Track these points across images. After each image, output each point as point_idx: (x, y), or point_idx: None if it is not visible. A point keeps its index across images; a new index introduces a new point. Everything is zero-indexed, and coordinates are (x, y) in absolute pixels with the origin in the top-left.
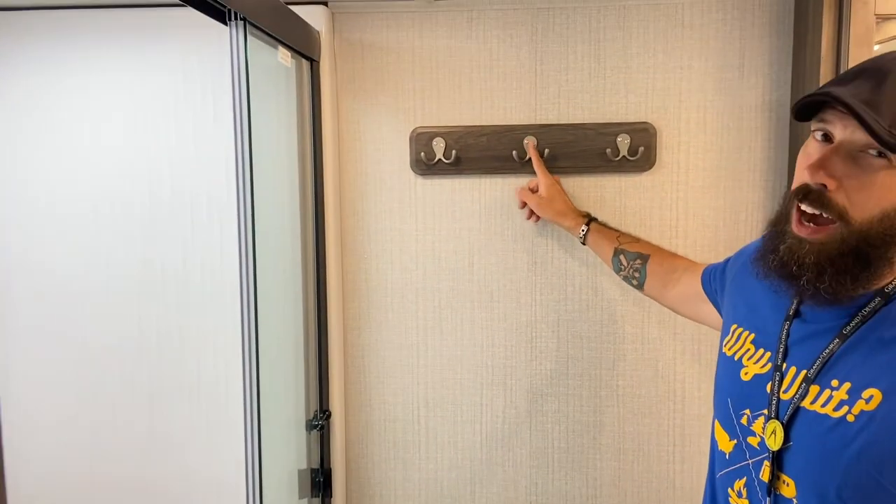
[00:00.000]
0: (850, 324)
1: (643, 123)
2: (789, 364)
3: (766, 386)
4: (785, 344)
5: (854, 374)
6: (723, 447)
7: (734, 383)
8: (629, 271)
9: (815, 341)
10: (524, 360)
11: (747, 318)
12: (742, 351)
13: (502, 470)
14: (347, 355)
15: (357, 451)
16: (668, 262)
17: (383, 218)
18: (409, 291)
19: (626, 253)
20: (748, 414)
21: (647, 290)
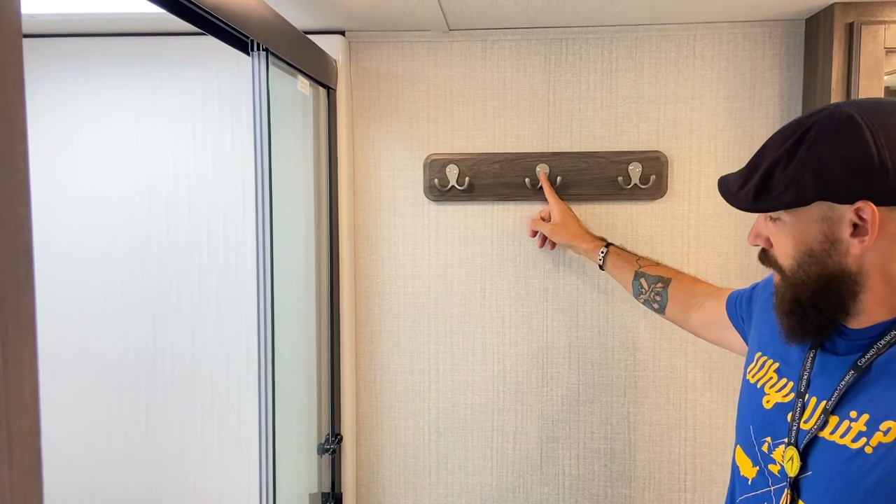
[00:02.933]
0: (866, 356)
1: (655, 152)
2: (811, 394)
3: (787, 415)
4: (808, 376)
5: (872, 407)
6: (745, 473)
7: (756, 411)
8: (650, 294)
9: (834, 373)
10: (535, 385)
11: (771, 347)
12: (765, 379)
13: (513, 496)
14: (359, 379)
15: (368, 475)
16: (690, 287)
17: (397, 243)
18: (422, 316)
19: (646, 276)
20: (769, 441)
21: (669, 314)
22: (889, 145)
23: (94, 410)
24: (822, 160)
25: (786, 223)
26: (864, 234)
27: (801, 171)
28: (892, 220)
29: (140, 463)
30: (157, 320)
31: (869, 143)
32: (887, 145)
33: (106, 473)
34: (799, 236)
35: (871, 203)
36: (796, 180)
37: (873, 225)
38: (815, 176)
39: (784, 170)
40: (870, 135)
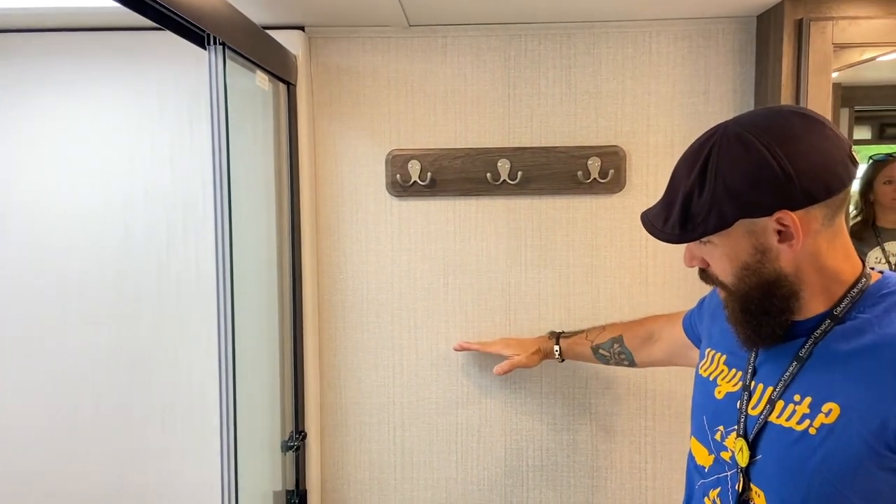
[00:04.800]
0: (805, 346)
1: (613, 147)
2: (757, 382)
3: (736, 403)
4: (753, 364)
5: (814, 390)
6: (702, 462)
7: (709, 402)
8: (615, 358)
9: (778, 362)
10: (499, 379)
11: (720, 342)
12: (716, 372)
13: (477, 489)
14: (323, 376)
15: (333, 472)
16: (643, 330)
17: (359, 239)
18: (385, 312)
19: (602, 346)
20: (722, 430)
21: (641, 363)
22: (785, 154)
23: (53, 409)
24: (730, 182)
25: (716, 245)
26: (792, 239)
27: (716, 196)
28: (812, 219)
29: (100, 461)
30: (116, 318)
31: (766, 157)
32: (784, 155)
33: (66, 473)
34: (731, 254)
35: (788, 210)
36: (714, 205)
37: (797, 230)
38: (730, 198)
39: (699, 198)
40: (765, 149)
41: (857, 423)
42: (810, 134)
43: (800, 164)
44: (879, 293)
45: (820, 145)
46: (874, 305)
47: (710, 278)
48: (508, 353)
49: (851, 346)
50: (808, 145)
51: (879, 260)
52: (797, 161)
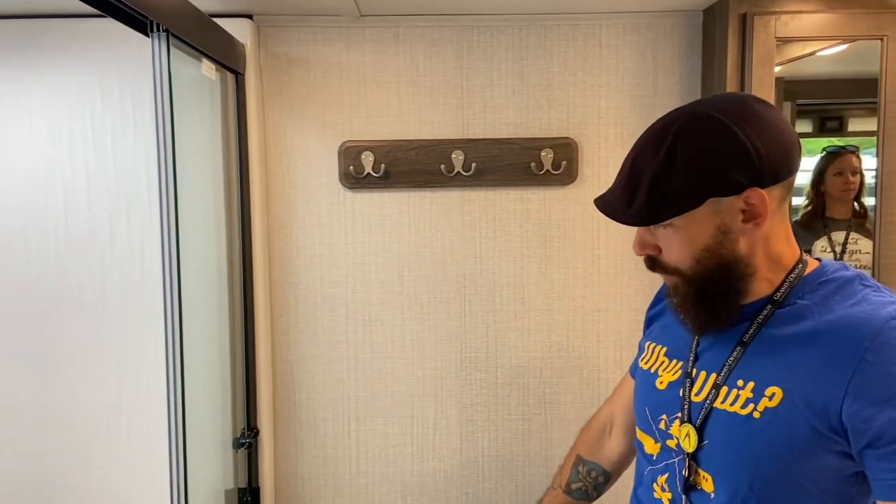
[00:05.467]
0: (749, 332)
1: (565, 139)
2: (699, 369)
3: (678, 391)
4: (695, 352)
5: (757, 374)
6: (649, 450)
7: (651, 392)
8: (590, 481)
9: (721, 349)
10: (454, 370)
11: (660, 336)
12: (657, 364)
13: (433, 481)
14: (276, 371)
15: (287, 468)
16: (593, 431)
17: (312, 231)
18: (339, 305)
19: (570, 481)
20: (665, 419)
21: (612, 464)
22: (755, 132)
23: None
24: (703, 161)
25: (677, 228)
26: (756, 218)
27: (687, 176)
28: (772, 199)
29: (46, 461)
30: (58, 314)
31: (738, 134)
32: (754, 133)
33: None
34: (693, 236)
35: (758, 188)
36: (685, 185)
37: (764, 209)
38: (702, 177)
39: (668, 178)
40: (736, 127)
41: (801, 406)
42: (770, 116)
43: (767, 143)
44: (818, 280)
45: (780, 126)
46: (813, 292)
47: (660, 266)
48: None
49: (792, 332)
50: (771, 126)
51: (825, 249)
52: (764, 140)
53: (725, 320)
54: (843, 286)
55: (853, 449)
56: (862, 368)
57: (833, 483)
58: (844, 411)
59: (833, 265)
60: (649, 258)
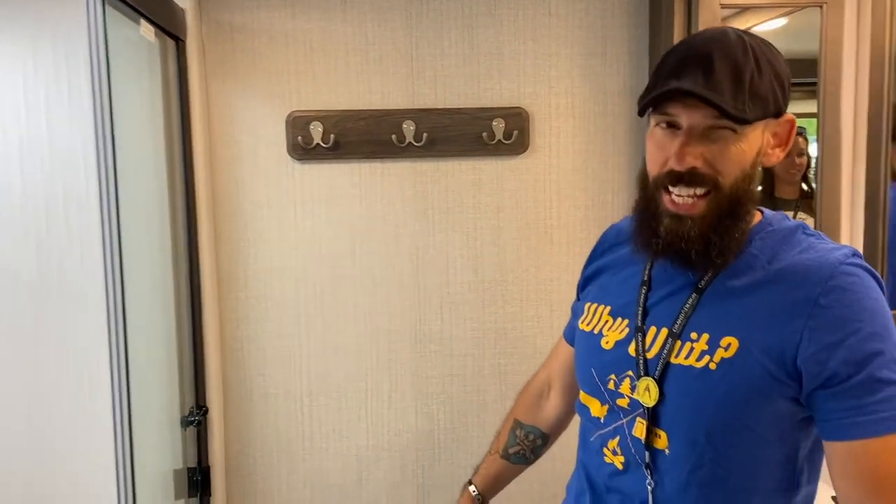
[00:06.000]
0: (705, 278)
1: (517, 108)
2: (649, 324)
3: (627, 349)
4: (644, 307)
5: (711, 326)
6: (596, 413)
7: (596, 353)
8: (527, 444)
9: (674, 299)
10: (408, 344)
11: (600, 296)
12: (601, 324)
13: (388, 455)
14: (225, 348)
15: (238, 447)
16: (530, 395)
17: (260, 205)
18: (289, 280)
19: (508, 445)
20: (614, 379)
21: (551, 426)
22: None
23: None
24: (778, 72)
25: (739, 136)
26: (783, 145)
27: (772, 83)
28: None
29: None
30: None
31: (782, 58)
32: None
33: None
34: (745, 149)
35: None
36: (770, 92)
37: (791, 136)
38: (777, 88)
39: (760, 80)
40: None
41: (757, 354)
42: None
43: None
44: (764, 230)
45: None
46: (761, 241)
47: (696, 181)
48: None
49: (743, 282)
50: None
51: None
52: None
53: (729, 255)
54: (788, 236)
55: (804, 392)
56: (815, 313)
57: (784, 429)
58: (800, 355)
59: (775, 216)
60: (677, 175)
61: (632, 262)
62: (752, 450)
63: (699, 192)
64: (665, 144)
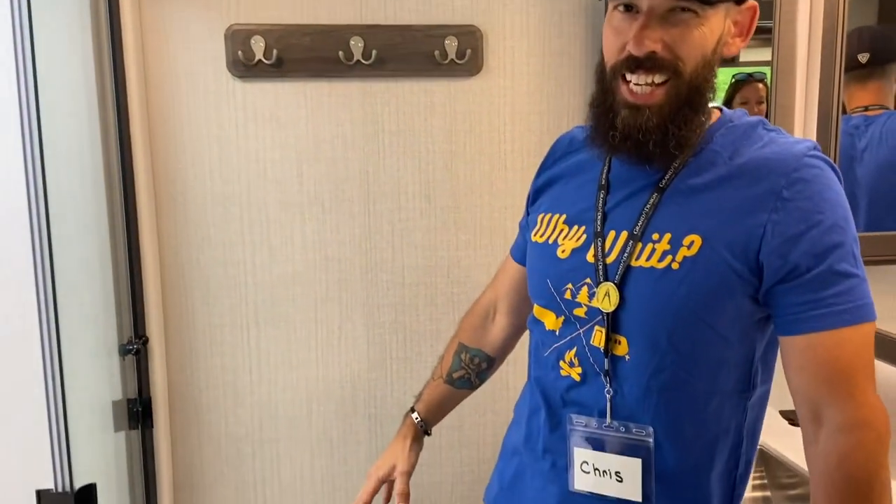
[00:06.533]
0: (665, 177)
1: (470, 26)
2: (608, 229)
3: (585, 256)
4: (602, 211)
5: (672, 225)
6: (551, 326)
7: (551, 264)
8: (472, 368)
9: (633, 201)
10: (359, 272)
11: (554, 206)
12: (555, 234)
13: (340, 386)
14: (165, 276)
15: (181, 378)
16: (475, 316)
17: (199, 125)
18: (233, 205)
19: (452, 370)
20: (571, 288)
21: (496, 349)
22: None
23: None
24: None
25: (700, 19)
26: (744, 35)
27: None
28: None
29: None
30: None
31: None
32: None
33: None
34: (706, 34)
35: None
36: None
37: (751, 27)
38: None
39: None
40: None
41: (720, 249)
42: None
43: None
44: (725, 126)
45: None
46: (723, 137)
47: (655, 66)
48: (385, 475)
49: (705, 179)
50: None
51: None
52: None
53: (688, 146)
54: (749, 130)
55: (763, 287)
56: (779, 205)
57: (744, 329)
58: (763, 249)
59: (734, 112)
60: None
61: (587, 169)
62: (713, 351)
63: (658, 80)
64: (623, 29)
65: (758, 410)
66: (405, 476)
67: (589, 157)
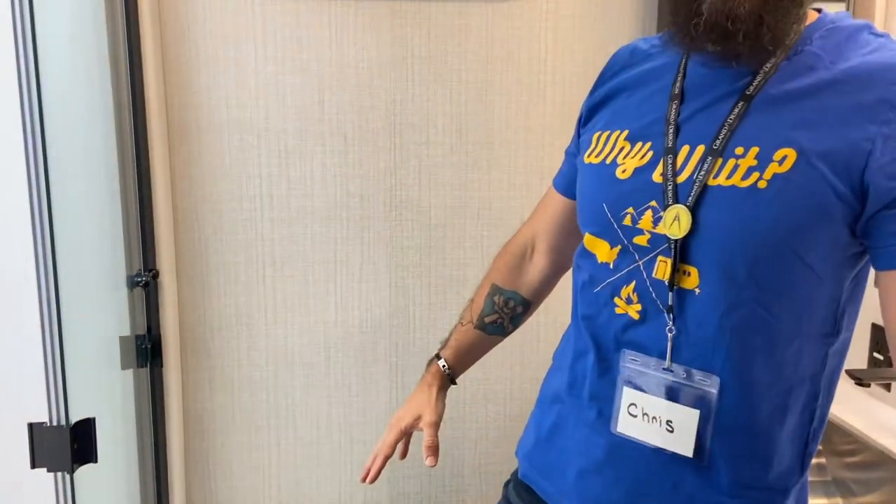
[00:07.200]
0: (754, 83)
1: None
2: (681, 144)
3: (650, 175)
4: (675, 123)
5: (762, 137)
6: (604, 258)
7: (609, 185)
8: (507, 312)
9: (713, 111)
10: (382, 210)
11: (613, 122)
12: (615, 152)
13: (359, 332)
14: (177, 208)
15: (193, 316)
16: (510, 255)
17: (215, 45)
18: (249, 133)
19: (484, 313)
20: (632, 213)
21: (534, 292)
22: None
23: None
24: None
25: None
26: None
27: None
28: None
29: None
30: None
31: None
32: None
33: None
34: None
35: None
36: None
37: None
38: None
39: None
40: None
41: (819, 165)
42: None
43: None
44: (825, 27)
45: None
46: (822, 38)
47: None
48: (409, 426)
49: (802, 84)
50: None
51: None
52: None
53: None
54: (855, 34)
55: (865, 214)
56: (893, 118)
57: (837, 263)
58: (869, 166)
59: (837, 14)
60: None
61: (655, 78)
62: (800, 287)
63: None
64: None
65: (839, 359)
66: (433, 427)
67: (657, 66)
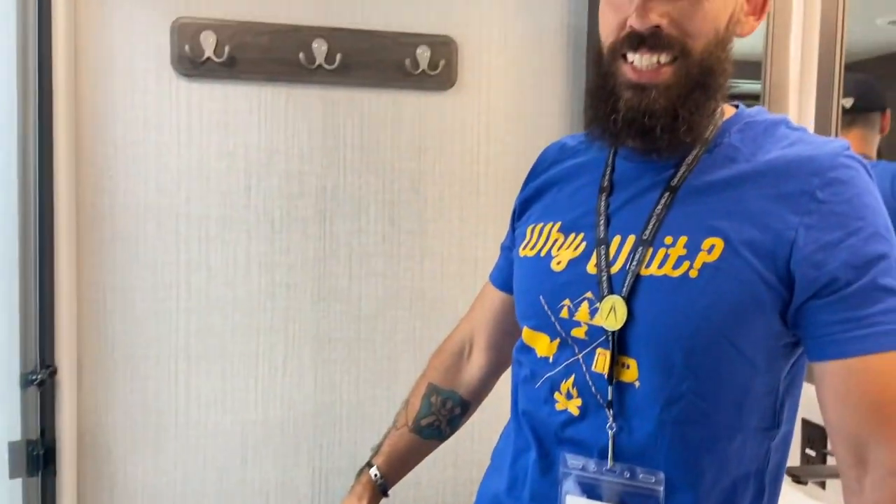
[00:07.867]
0: (678, 174)
1: (444, 36)
2: (612, 234)
3: (585, 267)
4: (605, 214)
5: (690, 226)
6: (544, 353)
7: (545, 277)
8: (444, 413)
9: (641, 202)
10: (309, 300)
11: (547, 214)
12: (549, 244)
13: (281, 432)
14: (83, 297)
15: (94, 418)
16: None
17: (135, 127)
18: (168, 218)
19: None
20: (568, 305)
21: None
22: None
23: None
24: None
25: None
26: (759, 13)
27: None
28: None
29: None
30: None
31: None
32: None
33: None
34: (717, 9)
35: None
36: None
37: (767, 2)
38: None
39: None
40: None
41: (745, 253)
42: None
43: None
44: (743, 121)
45: None
46: (740, 132)
47: (661, 43)
48: None
49: (723, 176)
50: None
51: None
52: None
53: (697, 133)
54: (771, 128)
55: (794, 304)
56: (812, 208)
57: (772, 353)
58: (794, 256)
59: (753, 109)
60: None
61: (584, 171)
62: (737, 376)
63: (664, 60)
64: (622, 3)
65: (781, 454)
66: None
67: (586, 161)
